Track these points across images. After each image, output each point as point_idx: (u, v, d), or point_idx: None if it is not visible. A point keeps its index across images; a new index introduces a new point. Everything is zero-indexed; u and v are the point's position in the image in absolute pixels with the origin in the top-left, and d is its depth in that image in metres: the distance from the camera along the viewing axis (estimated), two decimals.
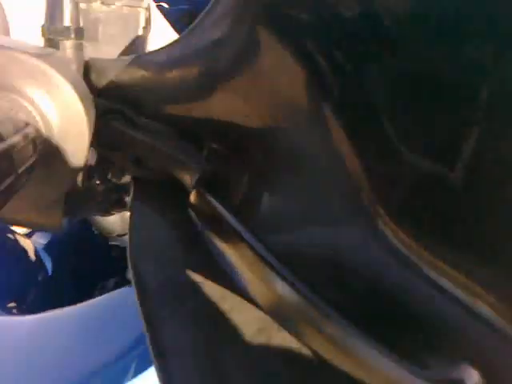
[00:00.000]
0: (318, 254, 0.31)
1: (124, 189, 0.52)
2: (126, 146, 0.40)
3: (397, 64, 0.24)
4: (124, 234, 0.72)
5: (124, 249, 0.75)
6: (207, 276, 0.32)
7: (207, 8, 0.35)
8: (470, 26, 0.20)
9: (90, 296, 0.85)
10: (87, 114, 0.32)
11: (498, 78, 0.20)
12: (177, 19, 0.96)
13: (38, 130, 0.29)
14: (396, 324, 0.26)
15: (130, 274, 0.34)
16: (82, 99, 0.32)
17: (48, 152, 0.30)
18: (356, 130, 0.30)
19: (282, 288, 0.29)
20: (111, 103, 0.39)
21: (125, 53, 0.43)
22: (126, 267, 0.82)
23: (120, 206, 0.58)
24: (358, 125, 0.30)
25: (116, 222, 0.69)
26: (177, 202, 0.37)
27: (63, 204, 0.35)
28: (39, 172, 0.30)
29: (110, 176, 0.43)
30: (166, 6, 1.01)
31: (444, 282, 0.26)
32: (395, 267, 0.28)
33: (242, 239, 0.31)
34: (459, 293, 0.25)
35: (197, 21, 0.36)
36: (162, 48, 0.38)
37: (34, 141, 0.27)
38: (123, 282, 0.82)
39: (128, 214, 0.72)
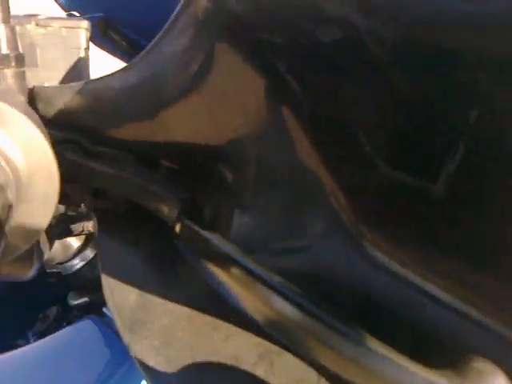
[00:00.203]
0: (306, 270, 0.31)
1: (72, 218, 0.49)
2: (84, 178, 0.37)
3: (382, 85, 0.25)
4: (66, 261, 0.67)
5: (66, 276, 0.71)
6: (196, 306, 0.32)
7: (164, 28, 0.33)
8: (460, 52, 0.21)
9: (32, 327, 0.80)
10: (51, 148, 0.29)
11: (486, 101, 0.21)
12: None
13: (7, 180, 0.25)
14: (396, 334, 0.27)
15: (108, 306, 0.32)
16: (43, 133, 0.29)
17: (17, 201, 0.27)
18: (326, 146, 0.31)
19: (279, 303, 0.29)
20: (64, 133, 0.37)
21: (68, 77, 0.41)
22: (66, 294, 0.78)
23: (66, 234, 0.55)
24: (328, 141, 0.31)
25: (57, 249, 0.65)
26: (150, 232, 0.35)
27: (33, 253, 0.32)
28: (8, 224, 0.27)
29: (63, 209, 0.41)
30: (76, 14, 0.94)
31: (430, 288, 0.28)
32: (384, 279, 0.29)
33: (233, 260, 0.31)
34: (449, 298, 0.27)
35: (153, 42, 0.34)
36: (115, 72, 0.36)
37: (4, 192, 0.24)
38: (66, 309, 0.77)
39: (69, 239, 0.68)
